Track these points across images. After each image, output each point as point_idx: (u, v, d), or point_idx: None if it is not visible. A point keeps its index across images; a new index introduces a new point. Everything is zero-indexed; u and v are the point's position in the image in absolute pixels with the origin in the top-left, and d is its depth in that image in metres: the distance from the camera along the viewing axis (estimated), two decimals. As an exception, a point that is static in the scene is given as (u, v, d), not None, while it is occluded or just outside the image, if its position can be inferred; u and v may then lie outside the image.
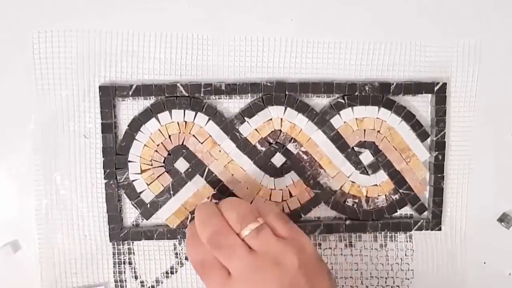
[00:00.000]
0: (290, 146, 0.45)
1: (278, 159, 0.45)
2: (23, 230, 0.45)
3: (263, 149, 0.45)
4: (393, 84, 0.44)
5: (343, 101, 0.45)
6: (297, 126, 0.45)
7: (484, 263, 0.48)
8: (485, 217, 0.48)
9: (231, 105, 0.45)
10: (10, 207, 0.45)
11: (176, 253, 0.46)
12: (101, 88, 0.43)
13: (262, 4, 0.44)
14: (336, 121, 0.45)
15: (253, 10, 0.44)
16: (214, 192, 0.45)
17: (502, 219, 0.47)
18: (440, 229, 0.46)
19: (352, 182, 0.46)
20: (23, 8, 0.43)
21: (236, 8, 0.44)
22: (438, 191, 0.46)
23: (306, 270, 0.35)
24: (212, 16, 0.44)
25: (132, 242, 0.46)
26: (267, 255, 0.36)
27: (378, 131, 0.45)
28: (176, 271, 0.47)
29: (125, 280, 0.46)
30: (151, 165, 0.44)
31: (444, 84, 0.45)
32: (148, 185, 0.45)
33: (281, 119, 0.44)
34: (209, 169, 0.45)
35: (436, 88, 0.45)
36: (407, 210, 0.47)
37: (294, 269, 0.35)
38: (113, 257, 0.46)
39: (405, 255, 0.48)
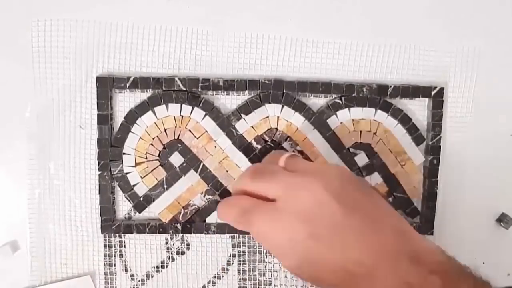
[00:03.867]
0: (286, 145, 0.45)
1: (273, 157, 0.45)
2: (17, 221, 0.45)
3: (259, 146, 0.45)
4: (390, 86, 0.44)
5: (340, 101, 0.45)
6: (294, 125, 0.45)
7: (483, 263, 0.48)
8: (484, 218, 0.48)
9: (228, 101, 0.45)
10: (3, 196, 0.45)
11: (168, 248, 0.46)
12: (99, 79, 0.43)
13: (263, 2, 0.44)
14: (333, 122, 0.45)
15: (254, 7, 0.44)
16: (208, 187, 0.45)
17: (501, 219, 0.47)
18: (432, 234, 0.46)
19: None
20: (23, -5, 0.43)
21: (237, 4, 0.44)
22: (431, 196, 0.46)
23: (350, 180, 0.34)
24: (212, 11, 0.44)
25: (124, 235, 0.46)
26: (309, 171, 0.35)
27: (374, 133, 0.45)
28: (167, 266, 0.46)
29: (115, 273, 0.46)
30: (146, 158, 0.44)
31: (442, 89, 0.45)
32: (142, 178, 0.44)
33: (278, 117, 0.44)
34: (203, 165, 0.45)
35: (433, 93, 0.45)
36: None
37: (340, 175, 0.34)
38: (104, 249, 0.46)
39: (397, 258, 0.47)
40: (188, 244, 0.46)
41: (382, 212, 0.34)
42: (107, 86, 0.43)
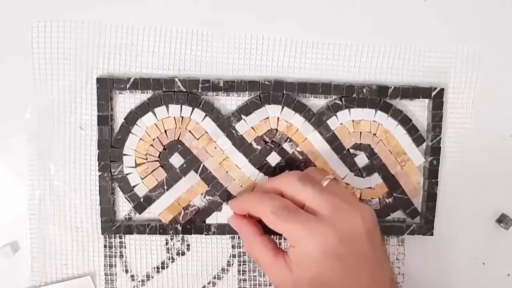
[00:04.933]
0: (286, 146, 0.45)
1: (273, 158, 0.45)
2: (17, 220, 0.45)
3: (259, 147, 0.45)
4: (390, 87, 0.44)
5: (340, 102, 0.45)
6: (294, 126, 0.45)
7: (483, 264, 0.48)
8: (484, 218, 0.48)
9: (228, 102, 0.45)
10: (3, 197, 0.45)
11: (168, 249, 0.46)
12: (99, 80, 0.43)
13: (263, 3, 0.44)
14: (333, 123, 0.45)
15: (254, 8, 0.44)
16: (208, 188, 0.45)
17: (501, 220, 0.47)
18: (432, 234, 0.46)
19: (347, 184, 0.46)
20: (23, -4, 0.43)
21: (237, 5, 0.44)
22: (431, 196, 0.46)
23: (377, 224, 0.38)
24: (212, 12, 0.44)
25: (124, 236, 0.46)
26: (350, 202, 0.37)
27: (374, 134, 0.45)
28: (167, 267, 0.46)
29: (116, 274, 0.46)
30: (146, 159, 0.44)
31: (442, 90, 0.45)
32: (142, 179, 0.44)
33: (278, 118, 0.44)
34: (204, 166, 0.45)
35: (433, 93, 0.45)
36: (399, 214, 0.47)
37: (373, 216, 0.38)
38: (104, 250, 0.46)
39: (396, 259, 0.48)
40: (188, 245, 0.47)
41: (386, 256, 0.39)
42: (107, 87, 0.43)
